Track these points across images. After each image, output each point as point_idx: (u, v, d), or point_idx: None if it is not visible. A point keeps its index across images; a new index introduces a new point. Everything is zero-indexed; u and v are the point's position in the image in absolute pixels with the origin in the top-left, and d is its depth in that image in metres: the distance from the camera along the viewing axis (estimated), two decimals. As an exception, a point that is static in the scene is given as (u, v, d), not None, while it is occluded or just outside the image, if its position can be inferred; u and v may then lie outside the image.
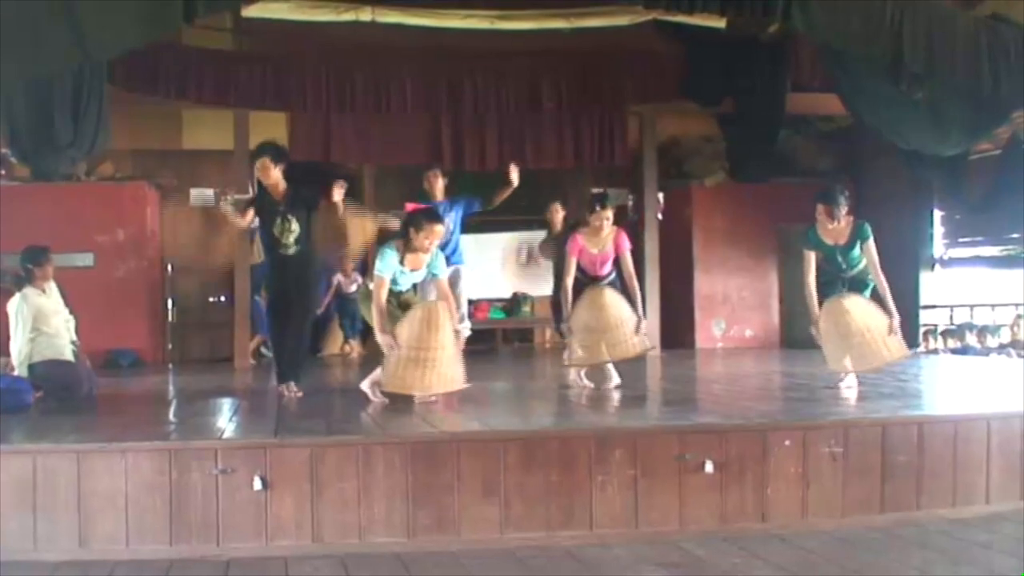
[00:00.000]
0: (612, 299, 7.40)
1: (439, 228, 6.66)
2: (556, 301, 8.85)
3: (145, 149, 12.14)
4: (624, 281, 7.59)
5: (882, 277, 7.07)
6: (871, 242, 7.06)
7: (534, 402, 7.70)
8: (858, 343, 7.02)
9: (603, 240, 7.56)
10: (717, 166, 13.15)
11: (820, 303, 7.23)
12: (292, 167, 7.51)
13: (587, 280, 7.60)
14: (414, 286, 6.95)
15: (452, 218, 8.51)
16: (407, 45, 10.49)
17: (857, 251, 7.13)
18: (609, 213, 7.54)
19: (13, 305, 7.48)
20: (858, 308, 7.05)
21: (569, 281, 7.52)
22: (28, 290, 7.50)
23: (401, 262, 6.63)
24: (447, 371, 6.59)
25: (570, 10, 9.35)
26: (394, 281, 6.67)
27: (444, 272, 6.87)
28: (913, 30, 7.70)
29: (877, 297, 7.13)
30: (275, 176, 7.29)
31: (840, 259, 7.18)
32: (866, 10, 7.66)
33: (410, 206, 7.52)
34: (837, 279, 7.28)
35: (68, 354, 7.59)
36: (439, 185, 8.93)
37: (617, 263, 7.59)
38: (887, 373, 8.33)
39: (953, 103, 8.53)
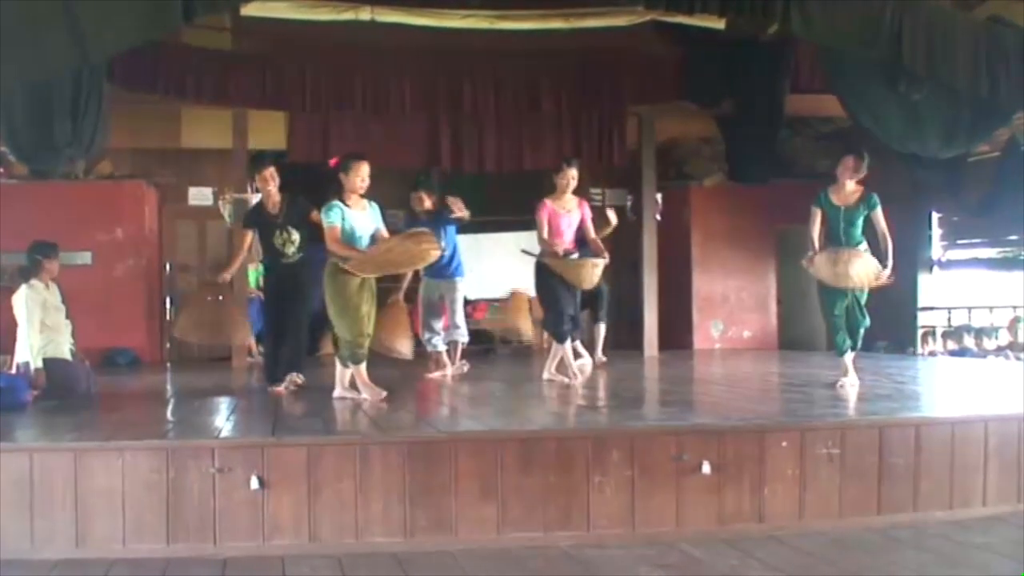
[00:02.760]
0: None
1: (364, 163, 6.83)
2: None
3: (144, 148, 12.14)
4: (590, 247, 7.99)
5: (889, 238, 7.33)
6: (879, 211, 7.34)
7: (532, 403, 7.70)
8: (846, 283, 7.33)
9: (569, 202, 7.92)
10: (716, 167, 13.16)
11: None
12: (288, 173, 7.67)
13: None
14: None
15: (443, 234, 8.53)
16: (406, 45, 10.49)
17: (859, 224, 7.32)
18: (575, 172, 7.89)
19: (21, 297, 7.49)
20: (857, 265, 7.25)
21: (558, 243, 7.81)
22: (35, 282, 7.52)
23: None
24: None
25: (569, 10, 9.35)
26: (356, 237, 6.77)
27: (381, 223, 6.99)
28: (913, 32, 7.70)
29: None
30: (274, 186, 7.48)
31: (842, 224, 7.35)
32: (865, 12, 7.66)
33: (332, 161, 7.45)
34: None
35: (67, 352, 7.59)
36: (425, 205, 8.87)
37: (581, 231, 7.96)
38: (884, 375, 8.36)
39: (951, 105, 8.53)
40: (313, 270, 7.58)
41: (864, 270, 7.21)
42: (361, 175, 6.78)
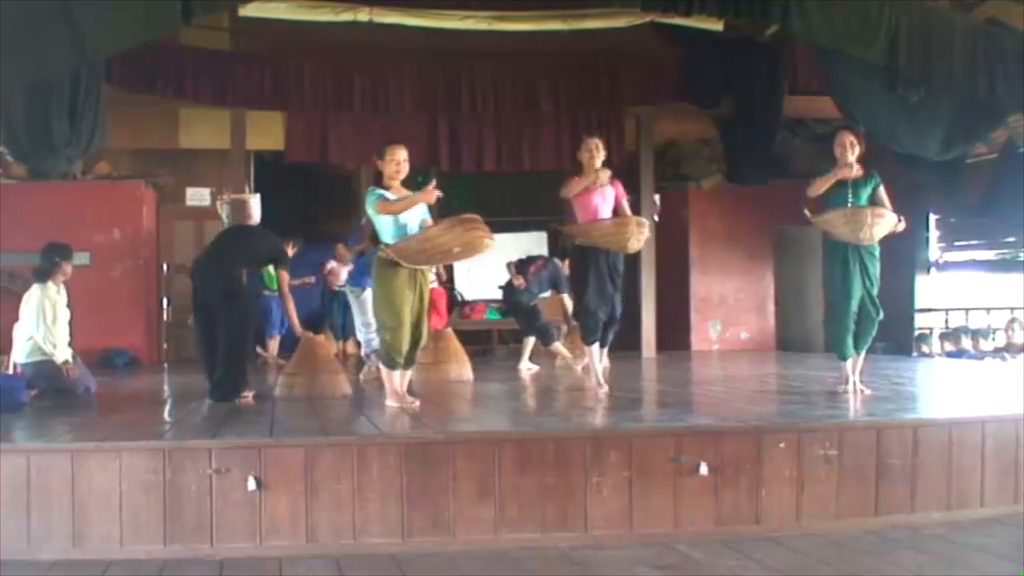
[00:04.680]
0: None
1: (399, 147, 6.55)
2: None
3: (142, 148, 12.12)
4: None
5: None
6: (882, 188, 7.10)
7: (529, 403, 7.70)
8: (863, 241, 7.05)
9: (598, 175, 7.36)
10: (714, 168, 13.17)
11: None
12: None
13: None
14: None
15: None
16: (405, 46, 10.50)
17: (865, 198, 7.05)
18: (597, 141, 7.41)
19: (35, 296, 7.54)
20: (880, 227, 7.01)
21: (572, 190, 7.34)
22: (50, 284, 7.62)
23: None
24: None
25: (568, 11, 9.35)
26: (401, 225, 6.39)
27: (428, 215, 6.63)
28: (909, 34, 7.72)
29: None
30: None
31: (850, 197, 7.04)
32: (863, 13, 7.67)
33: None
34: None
35: (68, 354, 7.62)
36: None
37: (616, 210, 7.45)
38: (882, 376, 8.35)
39: (949, 106, 8.54)
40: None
41: (885, 229, 6.99)
42: (396, 159, 6.48)
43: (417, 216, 6.48)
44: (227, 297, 7.14)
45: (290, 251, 7.83)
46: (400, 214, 6.39)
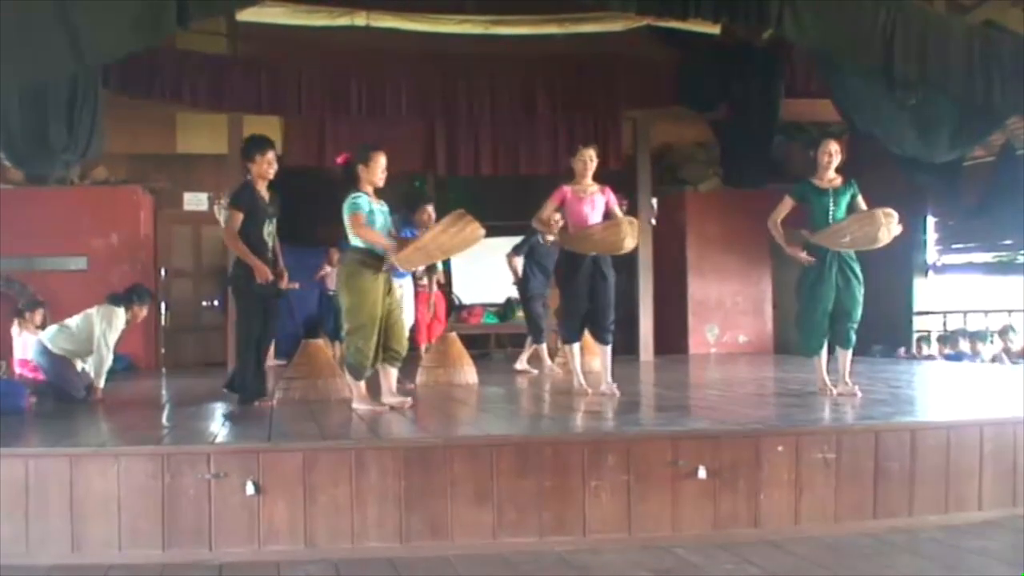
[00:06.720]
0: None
1: (383, 154, 6.56)
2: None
3: (139, 153, 12.14)
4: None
5: None
6: (860, 196, 7.11)
7: (527, 407, 7.70)
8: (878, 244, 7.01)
9: (590, 187, 7.39)
10: (711, 172, 13.19)
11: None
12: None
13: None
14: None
15: None
16: (402, 50, 10.51)
17: (844, 207, 7.07)
18: (591, 153, 7.38)
19: (109, 314, 7.75)
20: (894, 226, 6.93)
21: (543, 214, 7.43)
22: (122, 310, 7.83)
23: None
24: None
25: (564, 16, 9.37)
26: (377, 231, 6.48)
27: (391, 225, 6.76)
28: (905, 37, 7.74)
29: None
30: (272, 173, 7.00)
31: (831, 207, 7.08)
32: (858, 17, 7.69)
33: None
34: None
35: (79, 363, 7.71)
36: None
37: (607, 216, 7.43)
38: (879, 379, 8.35)
39: (946, 109, 8.55)
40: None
41: (897, 228, 6.93)
42: (381, 166, 6.51)
43: (386, 224, 6.63)
44: (234, 295, 7.31)
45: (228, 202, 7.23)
46: (372, 224, 6.46)
